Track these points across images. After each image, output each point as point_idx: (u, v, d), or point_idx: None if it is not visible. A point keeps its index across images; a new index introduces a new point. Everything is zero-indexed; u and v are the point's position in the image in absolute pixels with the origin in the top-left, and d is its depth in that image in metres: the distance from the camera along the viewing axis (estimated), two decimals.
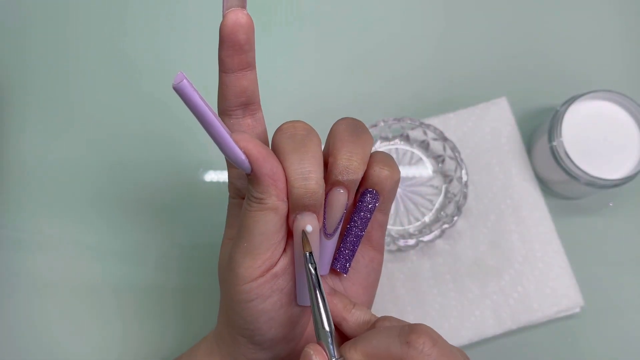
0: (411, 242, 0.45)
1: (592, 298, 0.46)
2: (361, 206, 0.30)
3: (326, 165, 0.29)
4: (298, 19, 0.55)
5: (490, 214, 0.48)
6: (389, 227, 0.46)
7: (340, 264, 0.31)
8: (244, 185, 0.32)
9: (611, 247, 0.49)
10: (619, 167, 0.45)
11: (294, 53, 0.54)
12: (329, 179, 0.28)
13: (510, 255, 0.47)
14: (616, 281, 0.48)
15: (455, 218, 0.45)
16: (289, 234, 0.29)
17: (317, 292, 0.27)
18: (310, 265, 0.27)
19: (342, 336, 0.32)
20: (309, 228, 0.27)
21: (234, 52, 0.27)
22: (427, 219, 0.47)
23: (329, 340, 0.26)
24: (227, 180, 0.50)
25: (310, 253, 0.28)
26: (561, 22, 0.55)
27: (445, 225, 0.45)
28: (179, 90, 0.24)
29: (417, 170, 0.48)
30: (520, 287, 0.46)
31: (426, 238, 0.45)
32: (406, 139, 0.48)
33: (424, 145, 0.48)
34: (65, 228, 0.49)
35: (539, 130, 0.48)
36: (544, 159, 0.47)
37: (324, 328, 0.26)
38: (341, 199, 0.28)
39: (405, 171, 0.48)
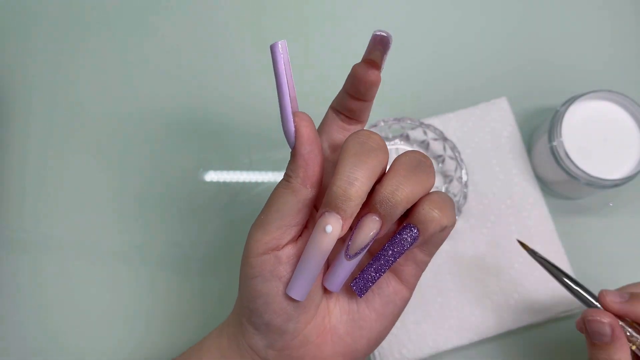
0: None
1: None
2: (396, 239, 0.29)
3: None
4: (300, 20, 0.55)
5: (490, 214, 0.48)
6: None
7: (358, 285, 0.30)
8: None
9: (611, 247, 0.49)
10: (619, 167, 0.45)
11: (296, 53, 0.54)
12: (368, 203, 0.28)
13: (510, 255, 0.47)
14: (616, 281, 0.48)
15: (456, 218, 0.45)
16: (306, 227, 0.30)
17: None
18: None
19: None
20: (329, 228, 0.27)
21: (355, 91, 0.29)
22: None
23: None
24: (226, 180, 0.50)
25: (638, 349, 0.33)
26: (561, 23, 0.55)
27: None
28: (271, 49, 0.27)
29: None
30: (520, 287, 0.46)
31: None
32: (406, 139, 0.48)
33: (424, 145, 0.48)
34: (65, 228, 0.49)
35: (539, 130, 0.48)
36: (544, 159, 0.47)
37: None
38: (372, 227, 0.28)
39: None
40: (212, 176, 0.51)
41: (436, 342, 0.45)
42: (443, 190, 0.47)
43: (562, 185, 0.47)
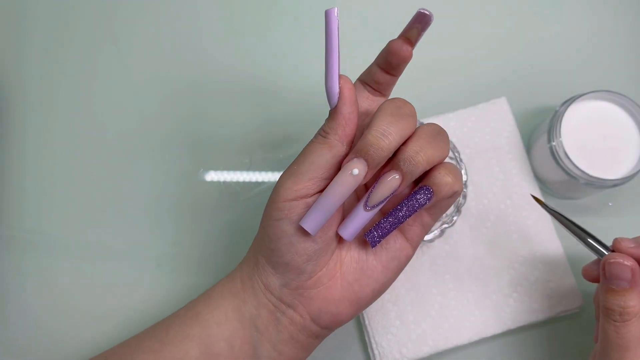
0: None
1: (592, 298, 0.46)
2: (412, 197, 0.32)
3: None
4: (301, 21, 0.55)
5: (490, 214, 0.48)
6: None
7: (371, 236, 0.33)
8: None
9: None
10: (618, 167, 0.45)
11: (299, 53, 0.54)
12: (391, 161, 0.31)
13: (510, 255, 0.47)
14: None
15: (455, 218, 0.45)
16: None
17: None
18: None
19: None
20: (355, 171, 0.30)
21: (387, 64, 0.33)
22: None
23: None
24: (226, 180, 0.51)
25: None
26: (561, 22, 0.55)
27: (445, 225, 0.45)
28: (326, 14, 0.29)
29: None
30: (520, 287, 0.46)
31: (426, 238, 0.45)
32: None
33: None
34: (65, 229, 0.49)
35: (539, 130, 0.48)
36: (543, 159, 0.47)
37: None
38: (393, 183, 0.31)
39: None
40: (212, 176, 0.51)
41: (436, 341, 0.45)
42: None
43: (562, 185, 0.47)
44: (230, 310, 0.35)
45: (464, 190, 0.45)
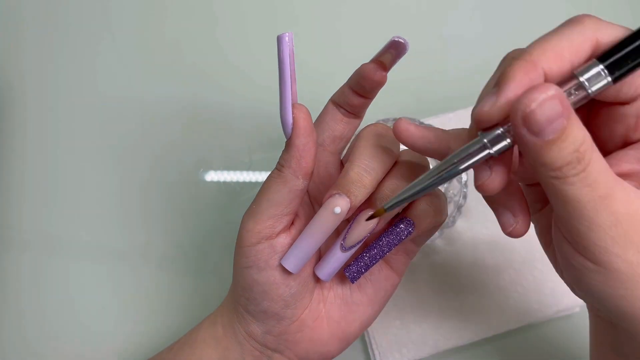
0: None
1: None
2: (393, 230, 0.30)
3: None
4: (300, 20, 0.55)
5: (490, 214, 0.47)
6: None
7: (351, 272, 0.31)
8: None
9: None
10: None
11: (297, 53, 0.54)
12: (370, 199, 0.29)
13: (510, 256, 0.47)
14: None
15: (455, 218, 0.45)
16: (298, 216, 0.31)
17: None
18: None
19: None
20: (337, 209, 0.28)
21: (360, 88, 0.30)
22: None
23: None
24: (226, 180, 0.50)
25: None
26: (559, 21, 0.55)
27: (445, 225, 0.45)
28: (278, 39, 0.28)
29: None
30: (520, 287, 0.46)
31: None
32: None
33: None
34: (65, 228, 0.49)
35: None
36: None
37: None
38: (370, 223, 0.29)
39: None
40: (212, 176, 0.51)
41: (436, 342, 0.45)
42: (442, 191, 0.47)
43: None
44: (215, 358, 0.34)
45: (464, 190, 0.45)
